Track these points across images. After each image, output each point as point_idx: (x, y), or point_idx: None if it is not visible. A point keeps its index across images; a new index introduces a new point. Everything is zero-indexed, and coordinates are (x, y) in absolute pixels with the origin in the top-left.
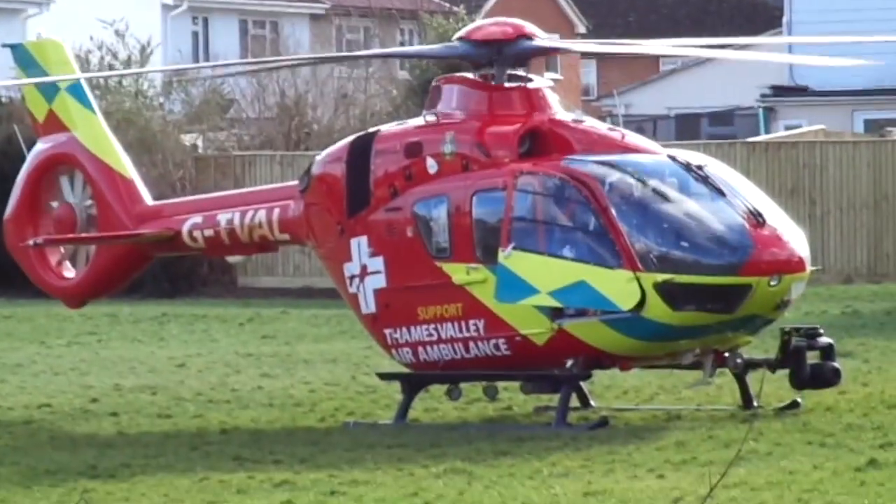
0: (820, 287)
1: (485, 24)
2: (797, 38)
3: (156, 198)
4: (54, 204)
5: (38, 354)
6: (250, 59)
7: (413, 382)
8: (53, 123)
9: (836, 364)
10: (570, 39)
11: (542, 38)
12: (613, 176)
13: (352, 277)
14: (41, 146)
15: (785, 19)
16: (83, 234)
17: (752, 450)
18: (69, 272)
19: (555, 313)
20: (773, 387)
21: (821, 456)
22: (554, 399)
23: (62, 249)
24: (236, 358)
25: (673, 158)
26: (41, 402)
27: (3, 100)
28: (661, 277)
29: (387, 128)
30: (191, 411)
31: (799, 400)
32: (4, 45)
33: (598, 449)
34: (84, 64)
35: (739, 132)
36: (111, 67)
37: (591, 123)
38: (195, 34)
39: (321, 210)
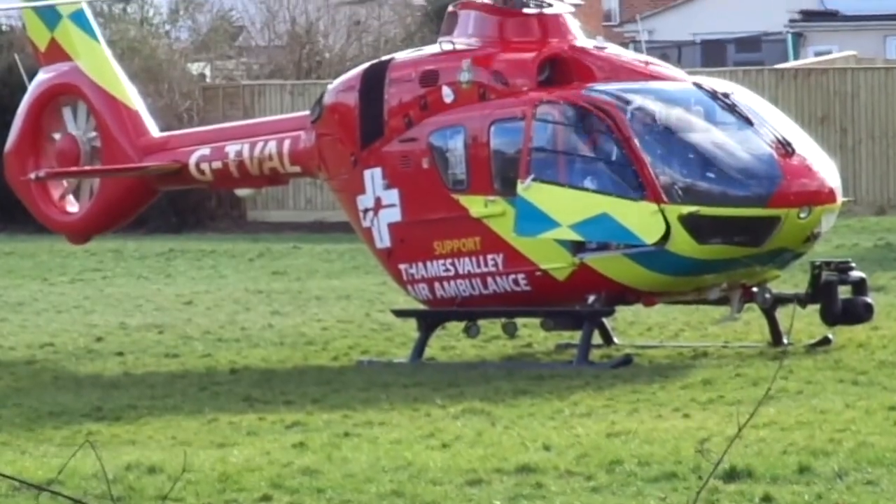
0: (851, 219)
1: None
2: None
3: (162, 129)
4: (57, 136)
5: (40, 292)
6: None
7: (429, 319)
8: (56, 52)
9: (868, 299)
10: None
11: None
12: (636, 105)
13: (365, 210)
14: (43, 76)
15: None
16: (87, 167)
17: (781, 388)
18: (72, 206)
19: (576, 247)
20: (804, 323)
21: (853, 394)
22: (576, 336)
23: (65, 183)
24: (246, 295)
25: (698, 86)
26: (44, 341)
27: (4, 28)
28: (686, 209)
29: (401, 55)
30: (199, 350)
31: (830, 336)
32: None
33: (622, 388)
34: None
35: (767, 59)
36: None
37: (613, 50)
38: None
39: (333, 141)
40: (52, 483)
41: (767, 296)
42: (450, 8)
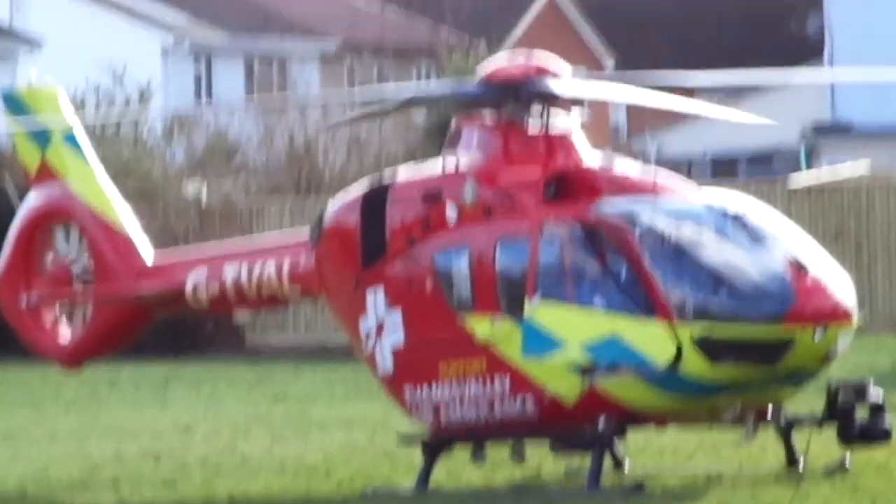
0: (868, 337)
1: (504, 64)
2: (839, 70)
3: (157, 252)
4: (48, 260)
5: (32, 421)
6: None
7: (435, 445)
8: (47, 174)
9: (886, 419)
10: (598, 76)
11: (567, 78)
12: (646, 221)
13: (368, 333)
14: (34, 198)
15: (826, 52)
16: (80, 292)
17: None
18: (65, 333)
19: (585, 369)
20: (820, 444)
21: None
22: (586, 460)
23: (57, 309)
24: (245, 421)
25: (710, 201)
26: (36, 472)
27: None
28: (698, 329)
29: (403, 173)
30: (197, 479)
31: (847, 458)
32: None
33: None
34: (79, 109)
35: (780, 172)
36: (108, 113)
37: (621, 165)
38: (197, 77)
39: (334, 261)
40: None
41: (783, 418)
42: (453, 124)
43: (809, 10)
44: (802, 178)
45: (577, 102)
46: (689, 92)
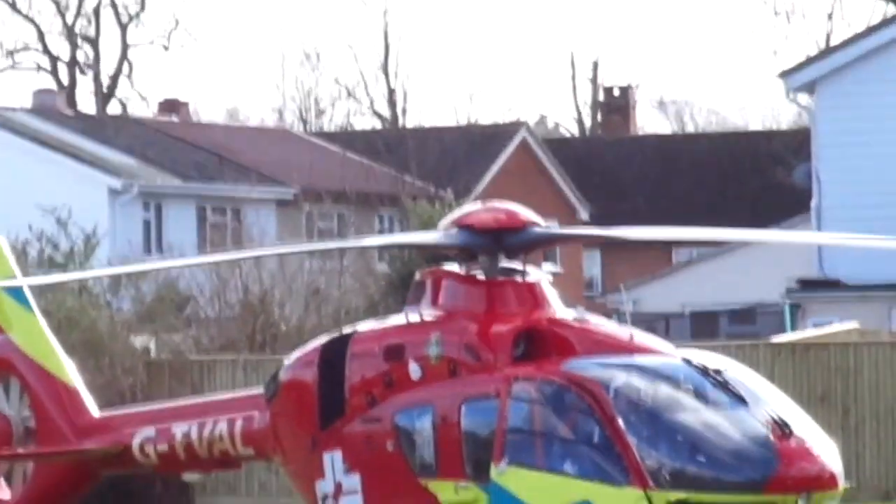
0: None
1: (479, 210)
2: (825, 236)
3: (102, 407)
4: None
5: None
6: (219, 255)
7: None
8: None
9: None
10: (574, 227)
11: (545, 226)
12: (620, 381)
13: (325, 497)
14: None
15: (813, 203)
16: (19, 450)
17: None
18: (3, 493)
19: None
20: None
21: None
22: None
23: None
24: None
25: (688, 361)
26: None
27: None
28: (674, 496)
29: (364, 327)
30: None
31: None
32: None
33: None
34: (21, 256)
35: (763, 331)
36: (51, 260)
37: (595, 322)
38: (146, 222)
39: (290, 421)
40: None
41: None
42: (416, 276)
43: (795, 159)
44: (786, 339)
45: (550, 252)
46: (667, 245)
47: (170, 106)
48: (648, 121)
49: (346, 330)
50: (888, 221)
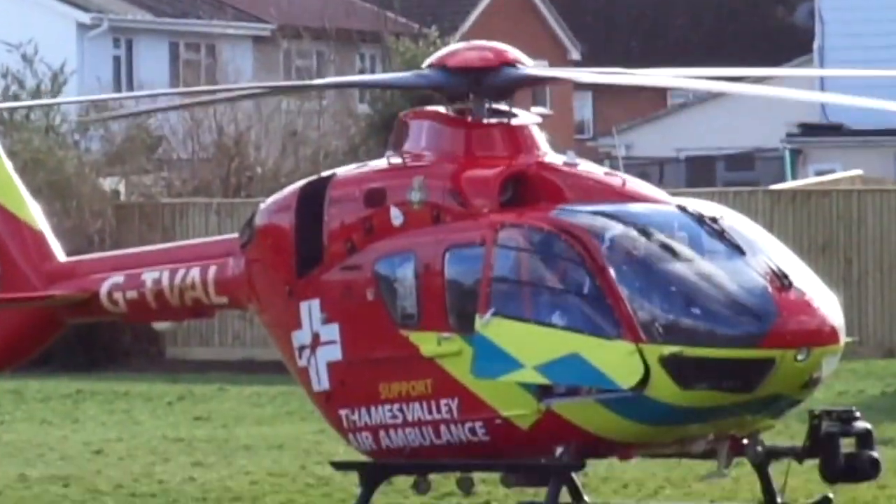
0: (856, 362)
1: (461, 49)
2: (829, 70)
3: (69, 253)
4: None
5: None
6: (185, 90)
7: (374, 473)
8: None
9: (874, 453)
10: (562, 67)
11: (529, 66)
12: (612, 229)
13: (301, 348)
14: None
15: (816, 44)
16: None
17: None
18: None
19: (542, 392)
20: (800, 479)
21: None
22: (541, 493)
23: None
24: (164, 443)
25: (682, 209)
26: None
27: None
28: (667, 350)
29: (343, 171)
30: None
31: (830, 495)
32: None
33: None
34: None
35: (762, 178)
36: (17, 98)
37: (585, 167)
38: (117, 59)
39: (266, 268)
40: None
41: (759, 449)
42: (400, 117)
43: None
44: (787, 186)
45: (540, 94)
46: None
47: None
48: None
49: (325, 173)
50: (893, 64)
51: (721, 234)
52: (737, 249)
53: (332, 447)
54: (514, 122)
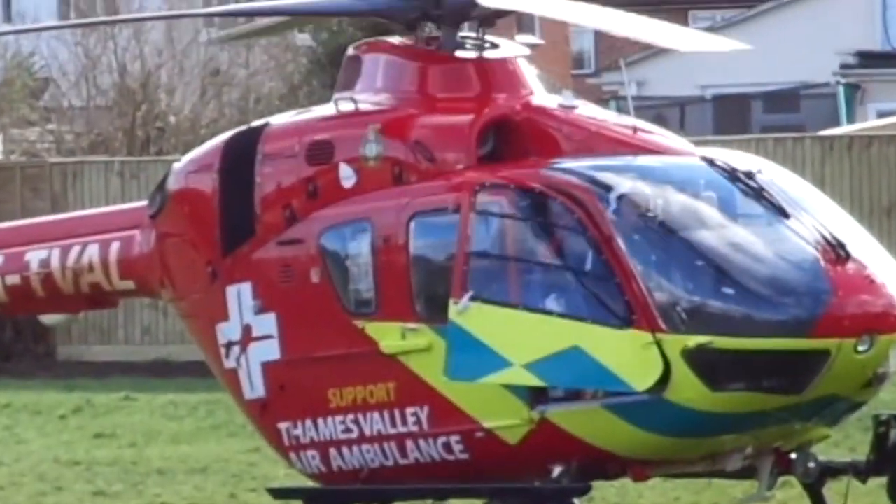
0: None
1: None
2: None
3: None
4: None
5: None
6: (77, 21)
7: (322, 501)
8: None
9: None
10: None
11: None
12: (620, 189)
13: (229, 345)
14: None
15: None
16: None
17: None
18: None
19: (535, 396)
20: (864, 503)
21: None
22: None
23: None
24: (57, 468)
25: (710, 162)
26: None
27: None
28: (693, 341)
29: (279, 120)
30: None
31: None
32: None
33: None
34: None
35: (809, 122)
36: None
37: (586, 110)
38: None
39: (182, 243)
40: None
41: (811, 465)
42: (350, 51)
43: None
44: (841, 132)
45: (526, 18)
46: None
47: None
48: None
49: (257, 123)
50: None
51: (759, 193)
52: (779, 212)
53: (269, 469)
54: (493, 54)
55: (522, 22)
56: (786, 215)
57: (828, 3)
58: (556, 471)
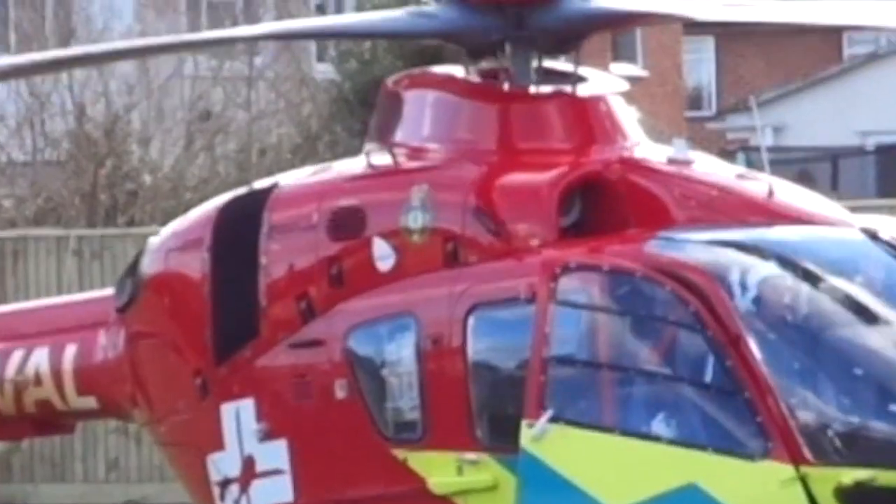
0: None
1: None
2: None
3: None
4: None
5: None
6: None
7: None
8: None
9: None
10: None
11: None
12: (752, 273)
13: (225, 482)
14: None
15: None
16: None
17: None
18: None
19: None
20: None
21: None
22: None
23: None
24: None
25: (872, 235)
26: None
27: None
28: (850, 476)
29: (292, 179)
30: None
31: None
32: None
33: None
34: None
35: None
36: None
37: (705, 166)
38: None
39: (161, 347)
40: None
41: None
42: (387, 85)
43: None
44: None
45: (626, 43)
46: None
47: None
48: None
49: (261, 183)
50: None
51: None
52: None
53: None
54: (581, 90)
55: (620, 47)
56: None
57: None
58: None
